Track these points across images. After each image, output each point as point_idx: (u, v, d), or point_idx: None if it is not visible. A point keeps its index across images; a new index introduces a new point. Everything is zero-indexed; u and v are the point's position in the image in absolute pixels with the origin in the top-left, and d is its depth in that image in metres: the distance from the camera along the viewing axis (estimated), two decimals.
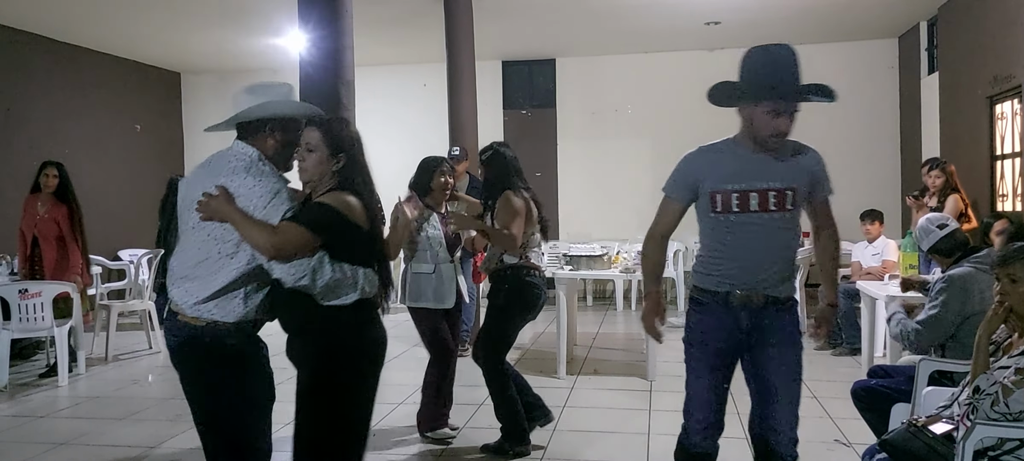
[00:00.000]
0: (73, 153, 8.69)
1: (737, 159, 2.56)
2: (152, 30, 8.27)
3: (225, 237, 2.34)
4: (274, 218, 2.31)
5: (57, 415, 4.96)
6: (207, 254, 2.35)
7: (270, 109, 2.47)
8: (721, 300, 2.60)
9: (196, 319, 2.36)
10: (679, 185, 2.69)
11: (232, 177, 2.36)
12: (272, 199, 2.34)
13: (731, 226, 2.55)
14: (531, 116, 10.07)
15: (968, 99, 6.99)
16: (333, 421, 2.47)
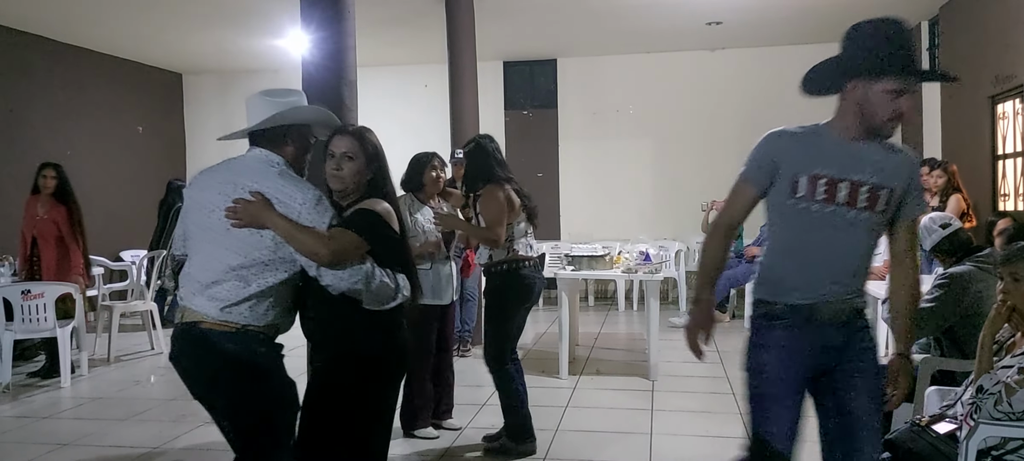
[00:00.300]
0: (75, 154, 8.71)
1: (829, 144, 2.20)
2: (154, 31, 8.28)
3: (260, 243, 2.31)
4: (321, 225, 2.30)
5: (60, 416, 4.97)
6: (240, 260, 2.31)
7: (301, 116, 2.48)
8: (804, 314, 2.16)
9: (224, 324, 2.30)
10: (759, 167, 2.26)
11: (264, 182, 2.33)
12: (316, 205, 2.32)
13: (813, 220, 2.15)
14: (532, 116, 10.07)
15: (970, 99, 6.99)
16: (370, 424, 2.50)
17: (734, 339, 6.94)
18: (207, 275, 2.33)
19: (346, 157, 2.47)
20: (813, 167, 2.15)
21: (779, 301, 2.19)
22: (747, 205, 2.30)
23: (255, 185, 2.32)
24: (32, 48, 8.20)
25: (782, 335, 2.19)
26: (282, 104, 2.45)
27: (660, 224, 9.56)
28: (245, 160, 2.44)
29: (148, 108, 10.01)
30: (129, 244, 9.29)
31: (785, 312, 2.18)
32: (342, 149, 2.48)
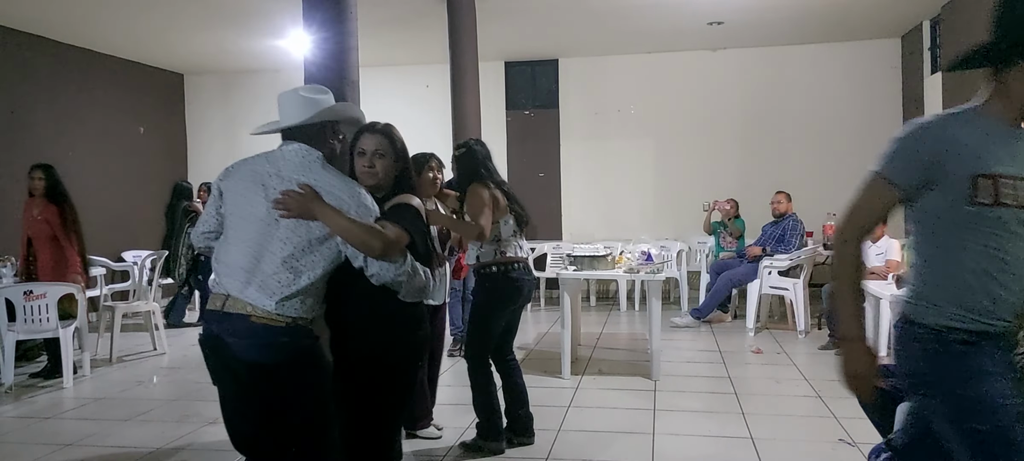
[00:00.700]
0: (76, 155, 8.72)
1: (997, 135, 1.85)
2: (155, 32, 8.29)
3: (308, 234, 2.35)
4: (368, 218, 2.37)
5: (62, 416, 4.97)
6: (290, 251, 2.33)
7: (343, 112, 2.56)
8: (993, 342, 1.82)
9: (278, 318, 2.32)
10: (908, 164, 1.89)
11: (310, 175, 2.38)
12: (363, 198, 2.40)
13: (997, 226, 1.80)
14: (534, 116, 10.08)
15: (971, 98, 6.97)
16: (396, 413, 2.59)
17: (736, 340, 6.95)
18: (256, 266, 2.34)
19: (377, 154, 2.55)
20: (992, 164, 1.80)
21: (963, 327, 1.83)
22: (884, 210, 1.96)
23: (302, 177, 2.37)
24: (33, 49, 8.22)
25: (992, 360, 1.81)
26: (321, 101, 2.51)
27: (662, 224, 9.56)
28: (284, 153, 2.46)
29: (149, 108, 10.03)
30: (131, 245, 9.30)
31: (973, 338, 1.83)
32: (373, 146, 2.56)
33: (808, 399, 4.97)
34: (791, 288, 7.09)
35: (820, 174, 9.22)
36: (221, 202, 2.48)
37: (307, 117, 2.47)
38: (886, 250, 6.49)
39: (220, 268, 2.41)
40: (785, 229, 7.51)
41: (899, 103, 9.17)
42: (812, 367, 5.83)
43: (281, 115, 2.52)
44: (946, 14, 7.65)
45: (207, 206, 2.55)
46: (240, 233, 2.40)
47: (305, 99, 2.49)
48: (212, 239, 2.52)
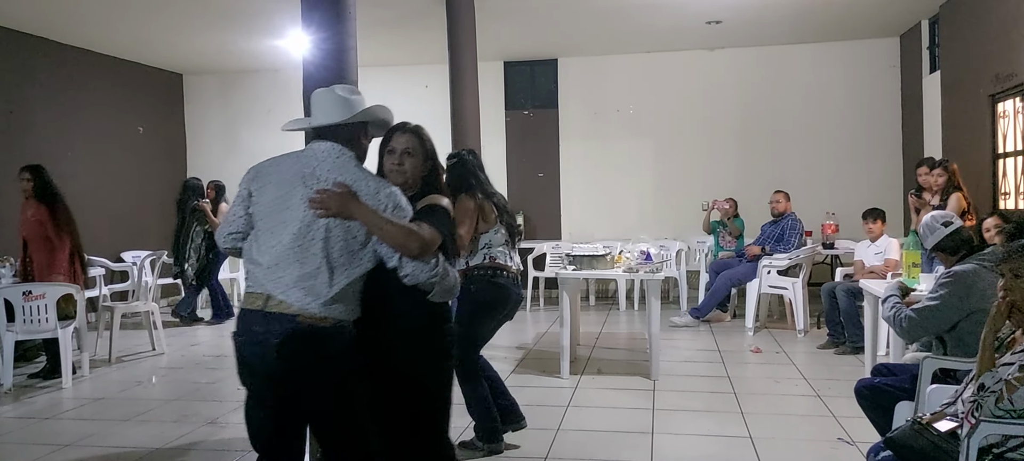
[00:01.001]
0: (76, 155, 8.72)
1: None
2: (154, 32, 8.28)
3: (348, 234, 2.34)
4: (404, 218, 2.37)
5: (62, 416, 4.97)
6: (334, 251, 2.32)
7: (380, 114, 2.56)
8: None
9: (323, 319, 2.29)
10: None
11: (345, 174, 2.37)
12: (398, 199, 2.39)
13: None
14: (533, 116, 10.08)
15: (970, 98, 6.99)
16: (441, 411, 2.63)
17: (735, 339, 6.95)
18: (298, 267, 2.30)
19: (407, 153, 2.56)
20: None
21: None
22: None
23: (338, 176, 2.35)
24: (33, 49, 8.21)
25: None
26: (357, 102, 2.50)
27: (661, 223, 9.56)
28: (316, 152, 2.43)
29: (149, 108, 10.02)
30: (130, 245, 9.30)
31: None
32: (403, 145, 2.57)
33: (807, 398, 4.97)
34: (790, 287, 7.09)
35: (819, 173, 9.23)
36: (250, 203, 2.44)
37: (345, 117, 2.45)
38: (885, 249, 6.50)
39: (257, 269, 2.37)
40: (784, 228, 7.51)
41: (898, 102, 9.17)
42: (811, 366, 5.84)
43: (315, 113, 2.49)
44: (945, 13, 7.66)
45: (234, 207, 2.49)
46: (277, 234, 2.36)
47: (343, 99, 2.47)
48: (239, 240, 2.48)
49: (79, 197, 8.64)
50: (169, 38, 8.58)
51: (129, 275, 8.47)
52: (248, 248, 2.44)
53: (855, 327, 6.04)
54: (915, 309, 3.40)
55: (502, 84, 10.05)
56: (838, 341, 6.31)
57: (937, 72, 7.95)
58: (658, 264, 5.74)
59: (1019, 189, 6.22)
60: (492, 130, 9.65)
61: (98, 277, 7.80)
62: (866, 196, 8.35)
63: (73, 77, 8.75)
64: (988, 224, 4.91)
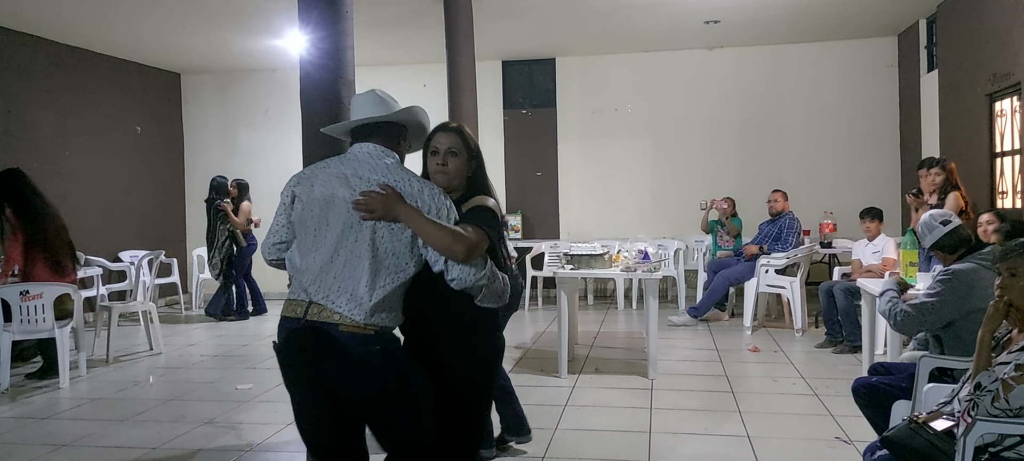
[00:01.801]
0: (73, 154, 8.71)
1: None
2: (152, 32, 8.27)
3: (393, 238, 2.28)
4: (449, 221, 2.30)
5: (59, 417, 4.97)
6: (379, 255, 2.26)
7: (414, 115, 2.50)
8: None
9: (365, 327, 2.24)
10: None
11: (390, 176, 2.31)
12: (443, 201, 2.33)
13: None
14: (531, 116, 10.08)
15: (968, 97, 6.99)
16: (479, 422, 2.54)
17: (733, 338, 6.96)
18: (342, 272, 2.26)
19: (450, 153, 2.48)
20: None
21: None
22: None
23: (381, 177, 2.29)
24: (30, 49, 8.20)
25: None
26: (396, 105, 2.47)
27: (659, 222, 9.57)
28: (358, 154, 2.38)
29: (147, 108, 10.01)
30: (128, 244, 9.29)
31: None
32: (446, 145, 2.49)
33: (805, 397, 4.97)
34: (788, 286, 7.10)
35: (817, 172, 9.23)
36: (292, 210, 2.40)
37: (383, 114, 2.41)
38: (882, 248, 6.50)
39: (299, 276, 2.32)
40: (782, 227, 7.52)
41: (896, 102, 9.18)
42: (809, 365, 5.84)
43: (355, 112, 2.46)
44: (942, 13, 7.66)
45: (276, 216, 2.44)
46: (320, 239, 2.31)
47: (381, 99, 2.44)
48: (283, 250, 2.44)
49: (77, 196, 8.68)
50: (167, 38, 8.57)
51: (127, 274, 8.47)
52: (291, 254, 2.39)
53: (853, 326, 6.05)
54: (912, 304, 3.41)
55: (500, 83, 10.04)
56: (836, 340, 6.32)
57: (935, 71, 7.96)
58: (656, 263, 5.74)
59: (1016, 188, 6.23)
60: (490, 129, 9.65)
61: (96, 276, 7.78)
62: (864, 195, 8.36)
63: (71, 77, 8.74)
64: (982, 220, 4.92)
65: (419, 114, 2.52)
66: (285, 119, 9.94)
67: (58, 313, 5.66)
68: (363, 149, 2.38)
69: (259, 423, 4.66)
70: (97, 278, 7.79)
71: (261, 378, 5.77)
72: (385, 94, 2.49)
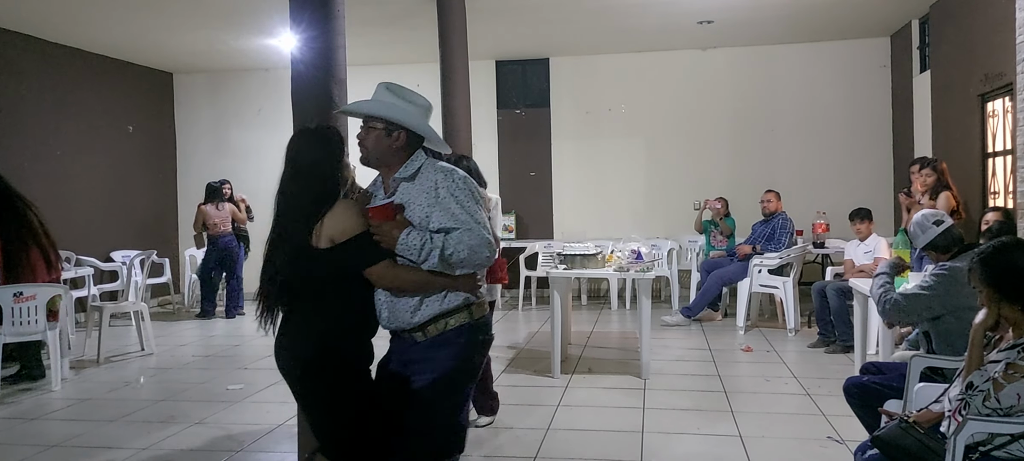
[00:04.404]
0: (65, 154, 8.67)
1: None
2: (144, 31, 8.24)
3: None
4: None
5: (49, 417, 4.94)
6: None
7: (395, 113, 2.55)
8: None
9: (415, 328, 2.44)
10: None
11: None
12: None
13: None
14: (525, 115, 10.07)
15: (960, 97, 7.02)
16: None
17: (726, 338, 6.96)
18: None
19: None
20: None
21: None
22: None
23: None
24: (22, 48, 8.15)
25: None
26: (403, 99, 2.54)
27: (652, 222, 9.57)
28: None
29: (139, 108, 9.97)
30: (120, 244, 9.25)
31: None
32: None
33: (797, 397, 4.98)
34: (781, 286, 7.11)
35: (810, 173, 9.25)
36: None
37: (365, 107, 2.52)
38: (874, 248, 6.52)
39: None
40: (775, 227, 7.53)
41: (888, 102, 9.20)
42: (801, 365, 5.85)
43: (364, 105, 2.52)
44: (935, 13, 7.68)
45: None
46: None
47: (386, 91, 2.54)
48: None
49: (69, 196, 8.64)
50: (159, 37, 8.54)
51: (119, 274, 8.43)
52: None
53: (845, 326, 6.06)
54: (903, 293, 3.42)
55: (494, 83, 10.03)
56: (828, 340, 6.33)
57: (927, 72, 7.98)
58: (649, 263, 5.74)
59: (1008, 188, 6.25)
60: (484, 129, 9.64)
61: (87, 276, 7.75)
62: (857, 195, 8.38)
63: (63, 76, 8.70)
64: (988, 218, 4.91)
65: (403, 112, 2.48)
66: (277, 119, 9.91)
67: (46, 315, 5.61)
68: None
69: (250, 423, 4.64)
70: (88, 278, 7.75)
71: (252, 378, 5.75)
72: (396, 88, 2.53)
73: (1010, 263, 2.51)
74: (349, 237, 2.37)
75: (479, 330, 2.50)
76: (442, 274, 2.38)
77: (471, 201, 2.40)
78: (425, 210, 2.39)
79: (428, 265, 2.35)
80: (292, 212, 2.43)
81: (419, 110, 2.53)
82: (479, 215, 2.40)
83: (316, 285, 2.42)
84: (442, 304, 2.42)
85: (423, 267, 2.36)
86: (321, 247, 2.37)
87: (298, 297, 2.45)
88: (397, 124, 2.47)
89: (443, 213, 2.37)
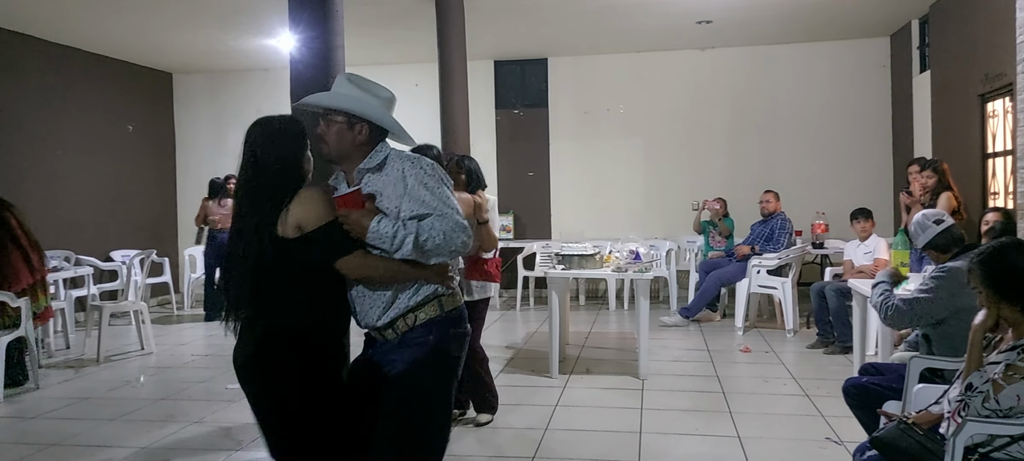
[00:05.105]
0: (65, 154, 8.66)
1: None
2: (144, 31, 8.23)
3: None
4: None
5: (48, 416, 4.93)
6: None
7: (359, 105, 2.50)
8: None
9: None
10: None
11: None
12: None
13: None
14: (523, 115, 10.07)
15: (960, 97, 7.02)
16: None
17: (724, 339, 6.96)
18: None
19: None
20: None
21: None
22: None
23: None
24: (22, 47, 8.15)
25: None
26: (366, 92, 2.47)
27: (651, 223, 9.57)
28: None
29: (138, 107, 9.96)
30: (120, 244, 9.24)
31: None
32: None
33: (796, 398, 4.98)
34: (779, 287, 7.11)
35: (809, 173, 9.25)
36: None
37: (328, 101, 2.46)
38: (874, 249, 6.51)
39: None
40: (773, 228, 7.53)
41: (888, 102, 9.20)
42: (800, 366, 5.85)
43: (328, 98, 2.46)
44: (935, 13, 7.68)
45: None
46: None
47: (349, 83, 2.49)
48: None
49: (68, 196, 8.63)
50: (159, 37, 8.53)
51: (118, 274, 8.42)
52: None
53: (844, 327, 6.05)
54: (904, 298, 3.40)
55: (492, 83, 10.03)
56: (827, 341, 6.33)
57: (927, 72, 7.98)
58: (647, 264, 5.73)
59: (1008, 189, 6.24)
60: (482, 129, 9.64)
61: (87, 276, 7.74)
62: (856, 196, 8.37)
63: (63, 76, 8.69)
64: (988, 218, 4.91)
65: (350, 102, 2.40)
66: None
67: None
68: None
69: (249, 423, 4.62)
70: (88, 278, 7.74)
71: None
72: (358, 79, 2.46)
73: (1010, 264, 2.50)
74: (318, 226, 2.23)
75: (452, 323, 2.37)
76: (415, 264, 2.28)
77: (441, 186, 2.31)
78: (395, 200, 2.28)
79: (401, 253, 2.23)
80: (256, 203, 2.29)
81: (381, 102, 2.43)
82: (451, 200, 2.30)
83: (281, 279, 2.27)
84: (412, 298, 2.31)
85: (396, 256, 2.24)
86: (289, 236, 2.23)
87: (260, 295, 2.29)
88: (359, 117, 2.38)
89: (413, 201, 2.26)
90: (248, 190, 2.34)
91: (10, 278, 5.47)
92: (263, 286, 2.29)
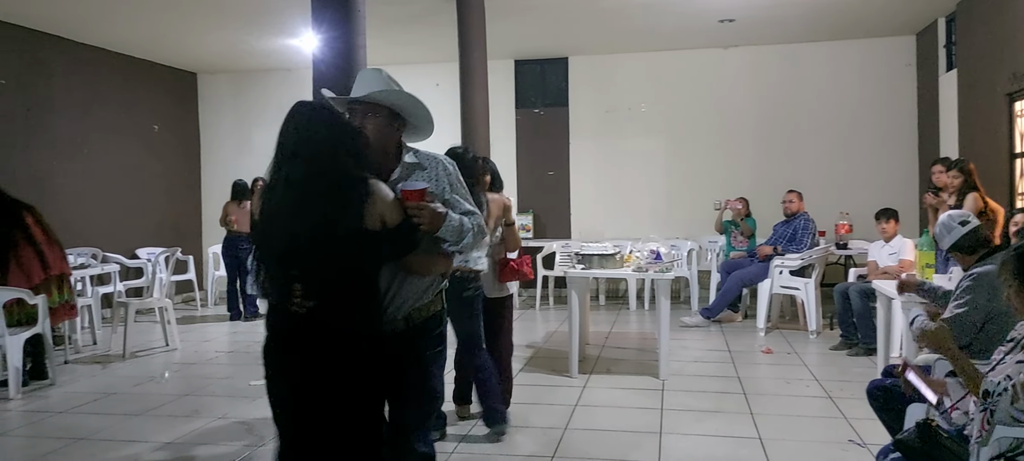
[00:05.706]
0: (92, 152, 8.81)
1: None
2: (169, 31, 8.35)
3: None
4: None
5: (75, 411, 5.02)
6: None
7: (401, 100, 2.59)
8: None
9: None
10: None
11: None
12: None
13: None
14: (544, 115, 10.07)
15: (987, 97, 6.91)
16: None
17: (746, 340, 6.91)
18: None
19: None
20: None
21: None
22: None
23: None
24: (49, 48, 8.30)
25: None
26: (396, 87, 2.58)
27: (672, 223, 9.53)
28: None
29: (163, 107, 10.10)
30: (145, 242, 9.38)
31: None
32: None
33: (818, 400, 4.93)
34: (802, 288, 7.04)
35: (833, 173, 9.16)
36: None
37: (377, 91, 2.53)
38: (899, 249, 6.43)
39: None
40: (796, 228, 7.46)
41: (914, 101, 9.08)
42: (823, 367, 5.79)
43: (358, 88, 2.52)
44: (961, 11, 7.57)
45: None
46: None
47: (385, 78, 2.56)
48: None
49: (95, 194, 8.78)
50: (183, 37, 8.65)
51: (144, 271, 8.55)
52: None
53: (868, 328, 5.99)
54: (945, 318, 3.33)
55: (512, 82, 10.04)
56: (851, 342, 6.26)
57: (953, 71, 7.87)
58: (668, 263, 5.71)
59: None
60: (502, 128, 9.65)
61: (113, 273, 7.86)
62: (881, 196, 8.27)
63: (89, 76, 8.84)
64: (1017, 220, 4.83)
65: (402, 98, 2.48)
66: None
67: (12, 319, 5.41)
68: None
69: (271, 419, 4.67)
70: (114, 275, 7.87)
71: None
72: (390, 76, 2.54)
73: None
74: (400, 220, 2.23)
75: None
76: (446, 257, 2.47)
77: (465, 187, 2.55)
78: (446, 195, 2.45)
79: (461, 245, 2.40)
80: (328, 193, 2.19)
81: (419, 103, 2.52)
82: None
83: (358, 270, 2.23)
84: (433, 290, 2.54)
85: (455, 248, 2.42)
86: (374, 228, 2.20)
87: (331, 284, 2.20)
88: (402, 116, 2.48)
89: (459, 198, 2.47)
90: (311, 177, 2.22)
91: (18, 274, 5.50)
92: (339, 277, 2.21)
